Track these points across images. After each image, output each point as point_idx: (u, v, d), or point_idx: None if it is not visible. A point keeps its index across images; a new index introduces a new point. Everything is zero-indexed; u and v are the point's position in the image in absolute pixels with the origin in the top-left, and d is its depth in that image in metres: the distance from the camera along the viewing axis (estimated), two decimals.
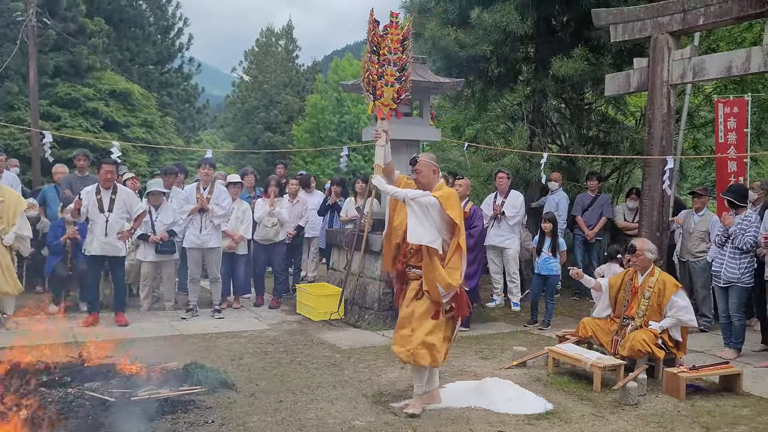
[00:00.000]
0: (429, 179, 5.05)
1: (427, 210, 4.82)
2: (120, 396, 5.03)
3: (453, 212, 4.86)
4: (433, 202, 4.83)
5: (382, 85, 5.32)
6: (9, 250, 7.16)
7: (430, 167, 5.05)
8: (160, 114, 21.94)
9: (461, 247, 4.90)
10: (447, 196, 4.95)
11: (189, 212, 8.08)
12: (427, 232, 4.80)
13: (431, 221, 4.81)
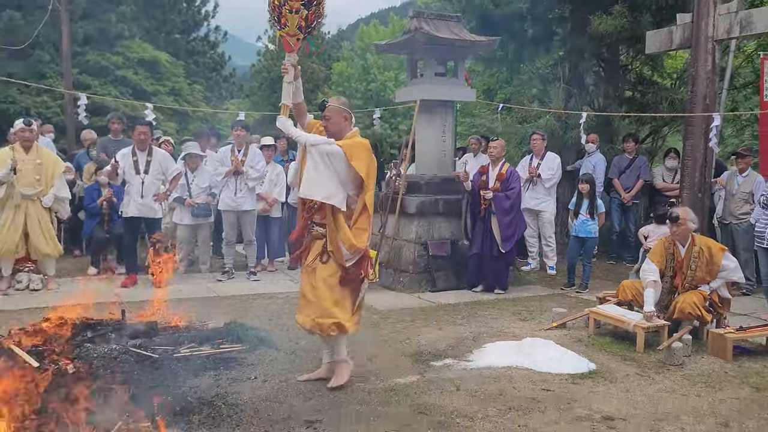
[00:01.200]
0: (339, 127, 4.52)
1: (328, 160, 4.32)
2: (163, 353, 5.07)
3: (359, 164, 4.35)
4: (336, 151, 4.33)
5: (286, 12, 4.44)
6: (48, 212, 7.22)
7: (340, 113, 4.53)
8: (188, 82, 21.94)
9: (368, 206, 4.45)
10: (354, 145, 4.44)
11: (224, 175, 8.06)
12: (324, 186, 4.33)
13: (332, 173, 4.33)
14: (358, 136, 4.59)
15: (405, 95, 9.07)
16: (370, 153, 4.50)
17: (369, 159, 4.46)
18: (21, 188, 6.96)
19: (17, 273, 7.23)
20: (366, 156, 4.44)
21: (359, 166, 4.35)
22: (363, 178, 4.39)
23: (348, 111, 4.58)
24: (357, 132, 4.62)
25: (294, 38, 4.52)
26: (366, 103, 30.05)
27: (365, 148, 4.48)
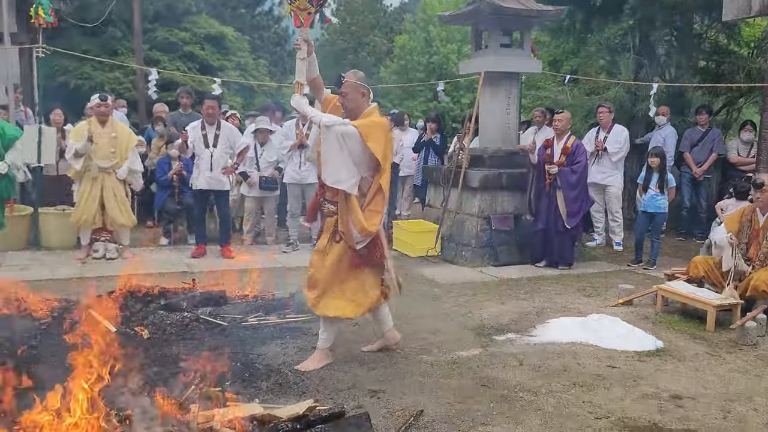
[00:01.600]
0: (356, 103, 4.32)
1: (342, 141, 4.15)
2: (231, 321, 5.24)
3: (375, 145, 4.16)
4: (351, 132, 4.15)
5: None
6: (123, 184, 7.50)
7: (357, 89, 4.30)
8: (253, 57, 22.21)
9: (383, 188, 4.29)
10: (371, 125, 4.23)
11: (289, 148, 8.18)
12: (338, 168, 4.16)
13: (347, 154, 4.15)
14: (377, 112, 4.40)
15: (469, 67, 8.96)
16: (387, 133, 4.33)
17: (386, 140, 4.28)
18: (97, 161, 7.24)
19: (94, 243, 7.56)
20: (383, 137, 4.25)
21: (375, 148, 4.17)
22: (379, 159, 4.21)
23: (365, 86, 4.36)
24: (375, 108, 4.43)
25: (305, 12, 4.35)
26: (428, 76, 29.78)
27: (382, 128, 4.29)
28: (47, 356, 4.15)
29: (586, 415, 3.80)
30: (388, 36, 34.49)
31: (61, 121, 8.57)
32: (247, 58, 21.22)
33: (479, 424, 3.64)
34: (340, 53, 33.68)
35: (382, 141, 4.22)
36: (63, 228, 7.79)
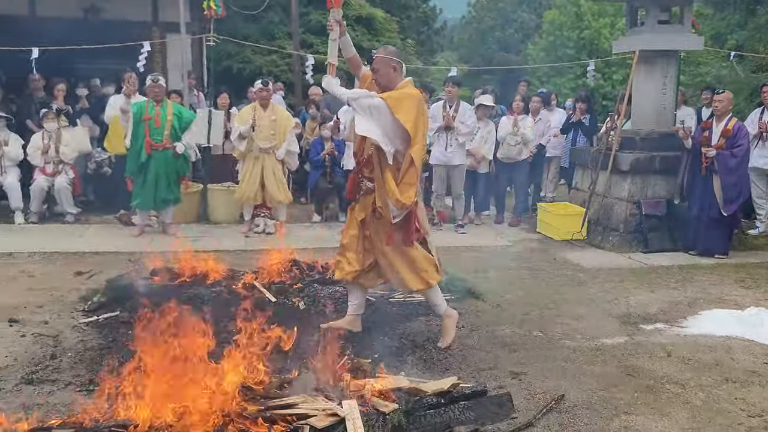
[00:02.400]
0: (389, 78, 4.27)
1: (370, 113, 4.10)
2: (379, 297, 5.52)
3: (404, 116, 4.07)
4: (378, 104, 4.08)
5: None
6: (281, 163, 8.03)
7: (388, 64, 4.26)
8: (401, 37, 22.52)
9: (415, 161, 4.18)
10: (400, 97, 4.16)
11: (435, 130, 8.34)
12: (374, 129, 4.11)
13: (378, 126, 4.10)
14: (411, 86, 4.33)
15: (623, 46, 8.63)
16: (418, 104, 4.21)
17: (416, 111, 4.16)
18: (259, 142, 7.80)
19: (255, 218, 8.17)
20: (413, 108, 4.15)
21: (405, 119, 4.09)
22: (408, 131, 4.11)
23: (397, 60, 4.32)
24: (409, 82, 4.36)
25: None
26: (578, 52, 28.69)
27: (413, 99, 4.20)
28: (216, 322, 4.59)
29: (738, 412, 3.68)
30: (537, 11, 33.56)
31: (227, 104, 9.27)
32: (396, 39, 21.56)
33: (622, 412, 3.64)
34: (487, 30, 33.27)
35: (412, 112, 4.13)
36: (228, 203, 8.49)
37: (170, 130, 7.54)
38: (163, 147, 7.53)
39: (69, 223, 8.14)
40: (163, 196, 7.62)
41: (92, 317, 4.96)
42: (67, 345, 4.46)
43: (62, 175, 8.14)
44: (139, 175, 7.53)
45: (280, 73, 17.60)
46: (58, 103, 8.49)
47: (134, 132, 7.54)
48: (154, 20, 10.36)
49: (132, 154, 7.58)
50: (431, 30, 28.26)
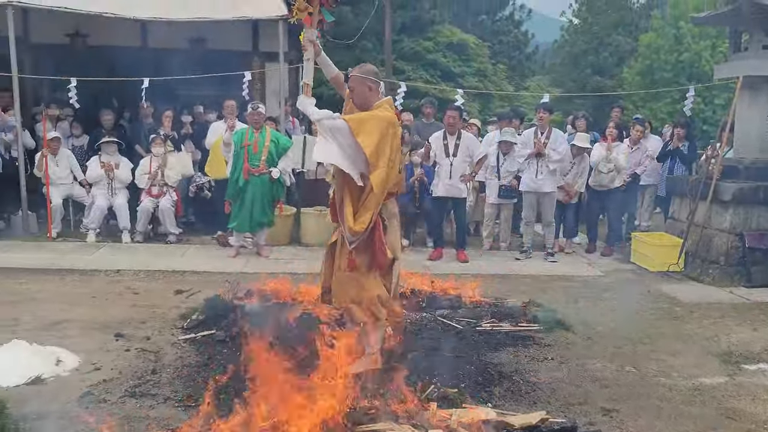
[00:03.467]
0: (364, 97, 4.13)
1: (332, 135, 3.93)
2: (466, 325, 5.50)
3: (365, 139, 3.87)
4: (340, 126, 3.93)
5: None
6: None
7: (364, 83, 4.12)
8: (492, 62, 22.56)
9: (374, 186, 3.93)
10: (363, 119, 4.00)
11: (526, 156, 8.28)
12: (334, 153, 3.94)
13: (341, 150, 3.92)
14: (387, 107, 4.15)
15: (725, 71, 8.31)
16: (384, 127, 3.98)
17: (380, 134, 3.94)
18: None
19: None
20: (376, 131, 3.94)
21: (365, 142, 3.89)
22: (367, 155, 3.89)
23: (372, 79, 4.15)
24: (385, 102, 4.19)
25: (305, 12, 4.22)
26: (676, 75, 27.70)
27: (380, 122, 3.99)
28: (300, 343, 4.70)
29: None
30: (633, 34, 32.69)
31: None
32: (486, 64, 21.63)
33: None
34: (580, 54, 32.65)
35: (374, 136, 3.93)
36: (320, 227, 8.69)
37: (267, 155, 7.85)
38: (259, 172, 7.83)
39: (171, 243, 8.57)
40: (258, 219, 7.91)
41: (190, 335, 5.19)
42: (166, 361, 4.69)
43: (166, 197, 8.60)
44: (236, 198, 7.86)
45: None
46: (165, 129, 9.00)
47: (234, 158, 7.89)
48: (254, 50, 10.84)
49: (231, 178, 7.94)
50: (523, 55, 28.11)
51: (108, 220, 8.94)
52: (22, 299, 6.08)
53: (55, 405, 3.96)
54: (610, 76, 31.47)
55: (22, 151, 8.76)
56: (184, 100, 11.24)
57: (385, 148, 3.96)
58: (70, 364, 4.57)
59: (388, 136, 3.99)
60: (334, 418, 3.17)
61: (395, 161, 4.07)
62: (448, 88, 16.26)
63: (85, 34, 10.08)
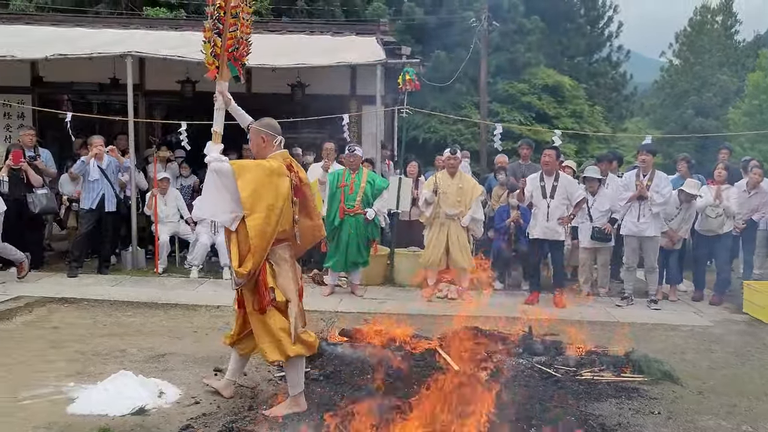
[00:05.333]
0: (258, 148, 4.43)
1: (217, 178, 4.19)
2: (565, 373, 5.29)
3: (242, 184, 4.08)
4: (224, 169, 4.16)
5: (204, 42, 4.54)
6: (465, 230, 8.11)
7: (258, 134, 4.40)
8: (588, 104, 22.16)
9: (250, 231, 4.07)
10: (248, 164, 4.31)
11: (627, 199, 8.00)
12: (212, 204, 4.24)
13: (227, 192, 4.16)
14: (280, 158, 4.33)
15: None
16: (267, 175, 4.18)
17: (259, 182, 4.14)
18: (445, 208, 7.97)
19: (438, 283, 8.28)
20: (255, 178, 4.14)
21: (242, 187, 4.09)
22: (242, 200, 4.08)
23: (266, 132, 4.41)
24: (279, 154, 4.38)
25: (213, 66, 4.52)
26: None
27: (262, 170, 4.20)
28: (400, 386, 4.67)
29: None
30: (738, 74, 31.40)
31: (415, 172, 9.61)
32: (583, 105, 21.26)
33: None
34: (682, 95, 31.62)
35: (252, 183, 4.12)
36: (413, 267, 8.70)
37: (362, 196, 7.96)
38: (355, 212, 7.95)
39: None
40: (353, 259, 7.99)
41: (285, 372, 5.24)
42: (262, 398, 4.74)
43: None
44: (332, 238, 7.99)
45: (464, 141, 18.03)
46: None
47: (330, 198, 8.06)
48: (352, 93, 11.13)
49: (327, 218, 8.09)
50: (620, 96, 27.47)
51: (210, 257, 9.27)
52: (130, 331, 6.35)
53: None
54: (714, 117, 30.22)
55: (135, 190, 9.28)
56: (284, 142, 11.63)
57: (264, 194, 4.14)
58: (172, 397, 4.70)
59: (270, 185, 4.18)
60: None
61: (281, 209, 4.21)
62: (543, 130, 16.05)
63: (195, 80, 10.65)
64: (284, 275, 4.34)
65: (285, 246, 4.39)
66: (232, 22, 4.46)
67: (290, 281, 4.35)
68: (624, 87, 27.74)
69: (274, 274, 4.29)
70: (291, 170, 4.36)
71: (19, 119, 11.07)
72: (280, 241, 4.33)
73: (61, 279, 8.36)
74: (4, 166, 8.58)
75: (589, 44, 25.78)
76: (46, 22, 11.66)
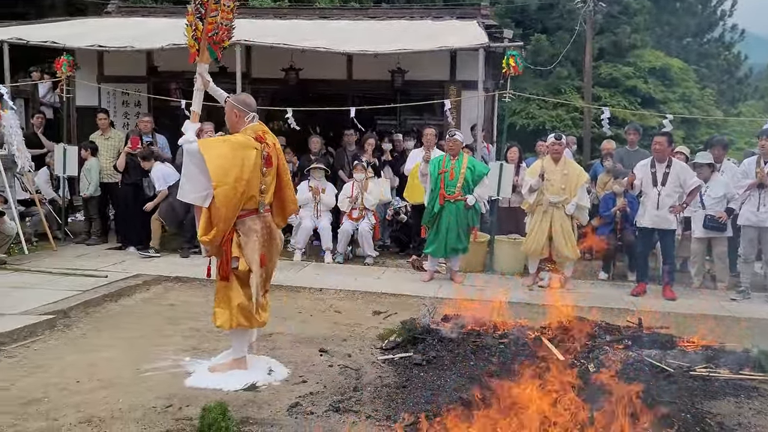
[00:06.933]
0: (232, 122, 4.77)
1: (189, 158, 4.54)
2: (677, 368, 5.06)
3: (209, 157, 4.38)
4: (192, 149, 4.50)
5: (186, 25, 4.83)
6: (570, 218, 7.89)
7: (231, 109, 4.73)
8: (698, 87, 21.03)
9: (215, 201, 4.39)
10: (214, 140, 4.93)
11: (746, 188, 7.54)
12: (186, 182, 4.57)
13: (198, 170, 4.46)
14: (252, 130, 4.62)
15: None
16: (235, 149, 4.47)
17: (223, 154, 4.44)
18: (549, 196, 7.78)
19: (540, 272, 8.12)
20: (220, 151, 4.46)
21: (209, 159, 4.38)
22: (209, 171, 4.36)
23: (239, 107, 4.71)
24: (251, 127, 4.65)
25: (194, 49, 4.83)
26: None
27: (229, 144, 4.53)
28: (504, 373, 4.61)
29: None
30: None
31: (516, 158, 9.43)
32: (692, 89, 20.20)
33: None
34: None
35: (218, 156, 4.41)
36: (514, 255, 8.57)
37: (463, 182, 7.89)
38: (455, 199, 7.90)
39: (368, 265, 8.89)
40: (452, 246, 7.95)
41: (388, 356, 5.31)
42: (366, 380, 4.82)
43: (365, 220, 8.96)
44: (432, 224, 7.99)
45: (564, 128, 17.54)
46: (367, 156, 9.41)
47: (430, 184, 8.04)
48: (451, 79, 11.03)
49: (427, 204, 8.09)
50: (734, 78, 25.88)
51: (312, 241, 9.48)
52: None
53: (267, 412, 4.23)
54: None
55: None
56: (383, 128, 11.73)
57: (229, 168, 4.41)
58: (280, 375, 4.87)
59: (236, 158, 4.44)
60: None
61: (248, 180, 4.46)
62: (649, 114, 15.37)
63: (299, 68, 10.87)
64: (251, 246, 4.58)
65: (255, 217, 4.62)
66: (213, 8, 4.76)
67: (255, 251, 4.59)
68: (738, 69, 26.13)
69: (240, 245, 4.57)
70: (262, 141, 4.61)
71: (136, 107, 11.69)
72: (250, 212, 4.60)
73: (175, 259, 8.80)
74: (123, 152, 9.08)
75: (700, 24, 24.42)
76: (159, 14, 12.22)
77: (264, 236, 4.64)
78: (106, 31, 10.75)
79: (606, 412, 3.88)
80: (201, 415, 3.79)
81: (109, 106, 11.46)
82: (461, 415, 3.53)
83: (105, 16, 12.84)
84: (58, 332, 5.81)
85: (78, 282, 7.28)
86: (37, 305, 6.28)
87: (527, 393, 3.88)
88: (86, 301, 6.57)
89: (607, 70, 18.76)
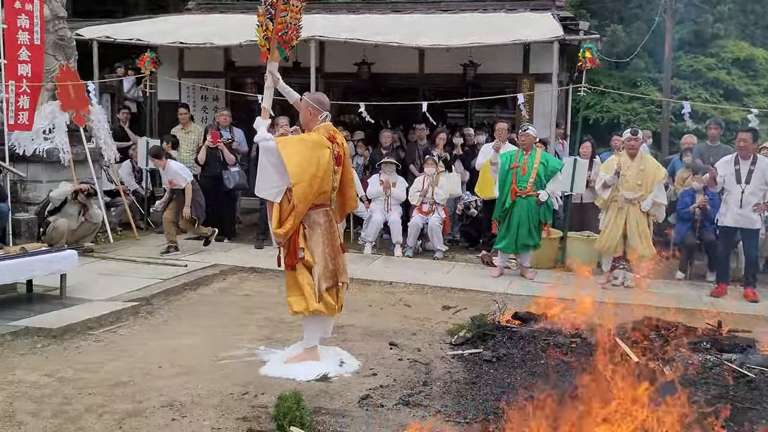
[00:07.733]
0: (305, 120, 4.92)
1: (264, 156, 4.72)
2: (759, 373, 4.88)
3: (287, 157, 4.55)
4: (269, 147, 4.66)
5: (257, 26, 5.00)
6: (645, 215, 7.68)
7: (306, 108, 4.87)
8: None
9: (294, 197, 4.59)
10: (291, 139, 5.03)
11: None
12: (260, 179, 4.75)
13: (273, 168, 4.65)
14: (324, 130, 4.77)
15: None
16: (310, 147, 4.66)
17: (301, 153, 4.62)
18: (624, 192, 7.60)
19: (614, 270, 7.95)
20: (298, 149, 4.64)
21: (287, 159, 4.54)
22: (287, 169, 4.53)
23: (314, 106, 4.83)
24: (323, 126, 4.79)
25: (265, 48, 5.00)
26: None
27: (305, 143, 4.71)
28: (576, 373, 4.55)
29: None
30: None
31: (589, 153, 9.22)
32: None
33: None
34: None
35: (295, 155, 4.59)
36: (586, 252, 8.40)
37: (535, 177, 7.81)
38: (526, 194, 7.82)
39: (438, 260, 8.90)
40: (523, 241, 7.88)
41: (458, 351, 5.33)
42: (436, 374, 4.86)
43: (435, 214, 8.97)
44: (503, 219, 7.93)
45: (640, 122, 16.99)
46: (438, 150, 9.41)
47: (501, 179, 7.98)
48: (524, 72, 10.88)
49: (498, 199, 8.03)
50: None
51: (382, 235, 9.56)
52: None
53: (339, 402, 4.32)
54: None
55: None
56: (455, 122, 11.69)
57: (306, 165, 4.61)
58: (351, 367, 4.96)
59: (312, 157, 4.64)
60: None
61: (322, 178, 4.68)
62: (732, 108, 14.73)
63: (371, 62, 10.95)
64: (315, 239, 4.80)
65: (321, 212, 4.84)
66: (282, 8, 4.91)
67: (319, 244, 4.81)
68: None
69: (305, 237, 4.77)
70: (333, 141, 4.78)
71: (214, 101, 12.06)
72: (317, 207, 4.80)
73: (249, 250, 9.04)
74: (203, 146, 9.39)
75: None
76: (238, 10, 12.54)
77: (326, 230, 4.85)
78: (186, 28, 11.12)
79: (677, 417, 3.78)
80: (276, 404, 3.91)
81: (189, 101, 11.87)
82: (532, 414, 3.50)
83: (185, 12, 13.26)
84: (142, 318, 6.09)
85: (159, 270, 7.60)
86: (122, 292, 6.60)
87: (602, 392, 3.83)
88: (167, 290, 6.86)
89: (687, 61, 18.04)
